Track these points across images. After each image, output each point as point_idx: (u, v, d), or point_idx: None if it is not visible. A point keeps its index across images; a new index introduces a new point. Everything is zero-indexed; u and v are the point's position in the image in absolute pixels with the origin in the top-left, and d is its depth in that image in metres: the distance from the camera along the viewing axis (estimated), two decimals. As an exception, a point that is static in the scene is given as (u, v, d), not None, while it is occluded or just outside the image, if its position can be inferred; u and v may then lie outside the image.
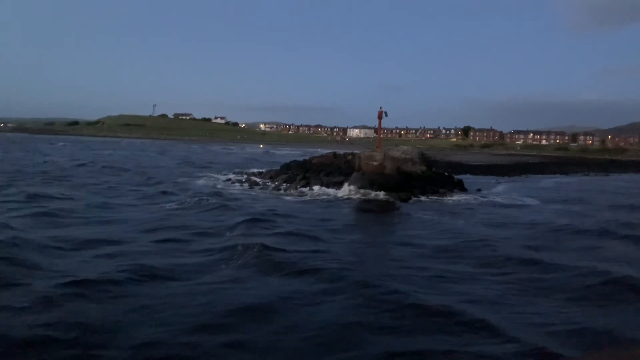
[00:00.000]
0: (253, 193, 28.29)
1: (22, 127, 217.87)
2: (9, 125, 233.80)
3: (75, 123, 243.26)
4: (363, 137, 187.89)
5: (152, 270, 10.88)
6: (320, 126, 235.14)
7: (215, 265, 11.82)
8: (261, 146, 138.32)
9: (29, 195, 21.55)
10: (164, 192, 25.61)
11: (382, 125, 34.16)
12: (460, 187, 34.17)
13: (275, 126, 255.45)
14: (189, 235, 15.12)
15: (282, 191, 29.23)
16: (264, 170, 39.29)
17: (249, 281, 10.61)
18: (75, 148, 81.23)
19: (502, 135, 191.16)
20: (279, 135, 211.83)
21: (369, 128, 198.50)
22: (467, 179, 41.15)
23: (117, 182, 30.48)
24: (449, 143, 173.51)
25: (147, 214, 19.23)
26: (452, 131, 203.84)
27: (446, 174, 38.03)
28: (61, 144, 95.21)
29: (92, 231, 15.24)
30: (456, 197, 29.42)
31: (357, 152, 33.81)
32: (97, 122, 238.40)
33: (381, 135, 39.15)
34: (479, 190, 34.30)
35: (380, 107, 30.01)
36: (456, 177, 37.26)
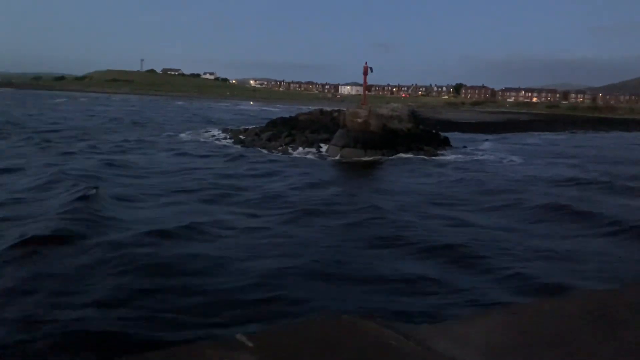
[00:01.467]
0: (232, 149, 28.33)
1: (8, 82, 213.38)
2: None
3: (61, 78, 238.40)
4: (355, 94, 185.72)
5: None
6: (312, 83, 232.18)
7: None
8: (251, 102, 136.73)
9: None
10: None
11: (374, 82, 33.92)
12: (446, 145, 34.30)
13: (265, 83, 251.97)
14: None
15: (264, 148, 29.19)
16: (249, 127, 39.02)
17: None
18: (79, 105, 79.93)
19: (493, 92, 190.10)
20: (270, 92, 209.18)
21: (361, 85, 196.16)
22: (455, 136, 41.27)
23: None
24: (441, 100, 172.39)
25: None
26: (444, 89, 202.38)
27: (434, 131, 38.03)
28: (62, 99, 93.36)
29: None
30: (440, 155, 29.57)
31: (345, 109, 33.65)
32: (84, 77, 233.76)
33: (373, 93, 38.78)
34: (464, 147, 34.44)
35: (366, 63, 29.62)
36: (444, 134, 37.31)
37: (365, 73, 30.24)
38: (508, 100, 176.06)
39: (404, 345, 2.16)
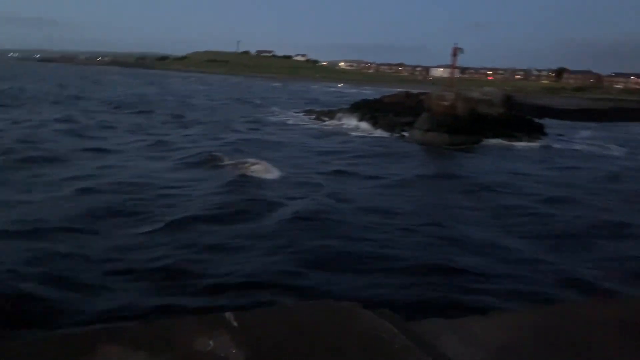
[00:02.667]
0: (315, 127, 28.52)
1: (117, 61, 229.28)
2: (105, 59, 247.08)
3: (164, 58, 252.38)
4: (447, 77, 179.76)
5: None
6: (402, 65, 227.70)
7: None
8: (340, 85, 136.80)
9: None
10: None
11: (468, 65, 32.52)
12: (540, 132, 32.17)
13: (355, 64, 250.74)
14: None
15: (344, 127, 29.12)
16: (333, 109, 39.03)
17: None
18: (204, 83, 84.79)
19: (599, 78, 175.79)
20: (359, 74, 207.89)
21: (456, 67, 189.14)
22: (551, 123, 38.66)
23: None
24: (539, 85, 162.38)
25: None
26: (544, 73, 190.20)
27: (528, 117, 35.81)
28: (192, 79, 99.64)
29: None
30: (530, 142, 27.83)
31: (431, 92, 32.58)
32: (184, 57, 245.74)
33: (467, 76, 37.31)
34: (560, 135, 32.17)
35: (455, 44, 28.36)
36: (538, 121, 35.02)
37: (454, 54, 29.01)
38: (616, 86, 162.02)
39: (393, 339, 2.03)
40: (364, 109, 35.02)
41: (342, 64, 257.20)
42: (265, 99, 53.57)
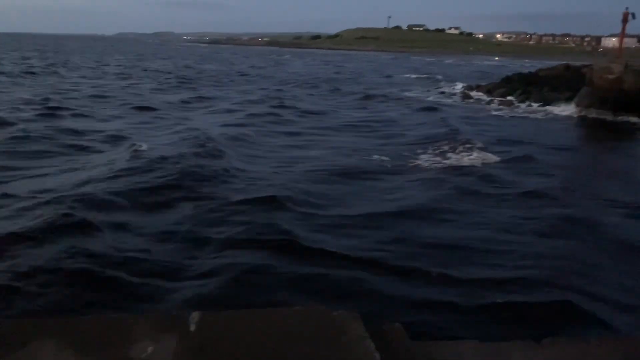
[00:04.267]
0: (458, 104, 27.30)
1: (275, 41, 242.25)
2: (265, 39, 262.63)
3: (317, 37, 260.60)
4: (624, 48, 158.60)
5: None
6: (568, 35, 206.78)
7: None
8: (497, 58, 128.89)
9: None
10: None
11: None
12: None
13: (514, 36, 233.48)
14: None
15: (491, 105, 27.47)
16: (482, 84, 37.04)
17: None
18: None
19: None
20: (517, 47, 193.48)
21: (632, 36, 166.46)
22: None
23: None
24: None
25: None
26: None
27: None
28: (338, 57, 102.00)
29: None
30: None
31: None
32: (336, 35, 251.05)
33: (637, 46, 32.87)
34: None
35: (626, 8, 24.90)
36: None
37: (624, 21, 25.54)
38: None
39: (365, 354, 1.79)
40: (515, 82, 32.72)
41: (498, 36, 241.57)
42: (440, 75, 51.74)
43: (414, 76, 49.20)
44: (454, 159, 12.92)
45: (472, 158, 12.99)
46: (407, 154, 13.33)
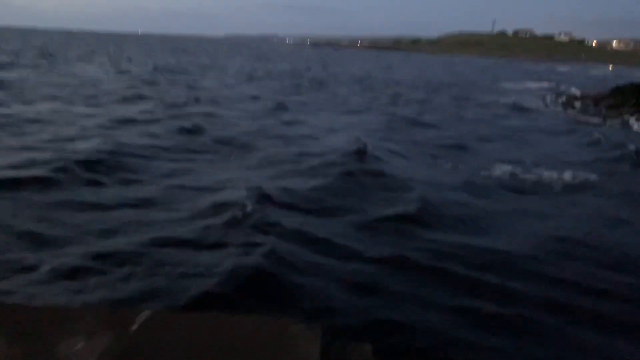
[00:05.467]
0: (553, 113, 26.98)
1: (374, 45, 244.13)
2: (364, 43, 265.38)
3: (417, 41, 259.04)
4: None
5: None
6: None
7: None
8: (610, 67, 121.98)
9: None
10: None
11: None
12: None
13: (632, 44, 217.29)
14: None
15: (593, 117, 27.62)
16: (588, 93, 36.55)
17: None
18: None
19: None
20: (635, 55, 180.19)
21: None
22: None
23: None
24: None
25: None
26: None
27: None
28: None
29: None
30: None
31: None
32: (436, 39, 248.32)
33: None
34: None
35: None
36: None
37: None
38: None
39: None
40: (628, 94, 32.30)
41: (615, 42, 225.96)
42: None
43: (545, 85, 46.77)
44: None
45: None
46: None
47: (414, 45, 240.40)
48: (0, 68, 27.63)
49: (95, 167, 8.43)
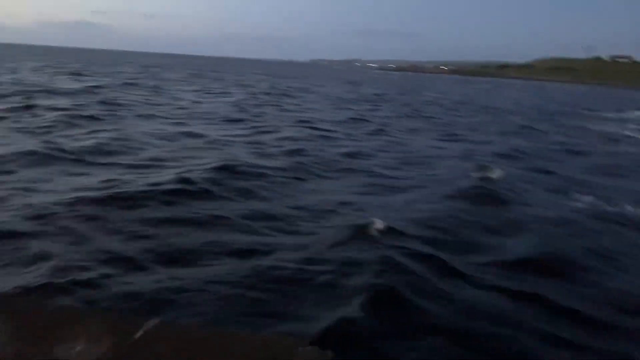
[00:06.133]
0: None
1: (459, 70, 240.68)
2: (448, 68, 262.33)
3: (504, 66, 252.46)
4: None
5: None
6: None
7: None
8: None
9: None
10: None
11: None
12: None
13: None
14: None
15: None
16: None
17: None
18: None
19: None
20: None
21: None
22: None
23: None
24: None
25: None
26: None
27: None
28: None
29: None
30: None
31: None
32: (526, 64, 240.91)
33: None
34: None
35: None
36: None
37: None
38: None
39: None
40: None
41: None
42: None
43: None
44: None
45: None
46: None
47: (501, 70, 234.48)
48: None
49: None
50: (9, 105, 16.52)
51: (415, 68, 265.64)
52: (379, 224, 6.40)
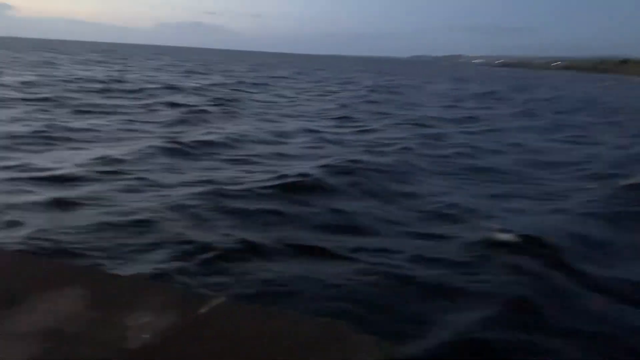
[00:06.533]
0: None
1: (572, 66, 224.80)
2: (560, 64, 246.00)
3: (624, 62, 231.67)
4: None
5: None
6: None
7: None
8: None
9: None
10: None
11: None
12: None
13: None
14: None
15: None
16: None
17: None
18: None
19: None
20: None
21: None
22: None
23: None
24: None
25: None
26: None
27: None
28: None
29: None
30: None
31: None
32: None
33: None
34: None
35: None
36: None
37: None
38: None
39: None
40: None
41: None
42: None
43: None
44: None
45: None
46: None
47: (622, 66, 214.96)
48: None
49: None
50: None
51: (523, 64, 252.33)
52: (507, 230, 6.11)
